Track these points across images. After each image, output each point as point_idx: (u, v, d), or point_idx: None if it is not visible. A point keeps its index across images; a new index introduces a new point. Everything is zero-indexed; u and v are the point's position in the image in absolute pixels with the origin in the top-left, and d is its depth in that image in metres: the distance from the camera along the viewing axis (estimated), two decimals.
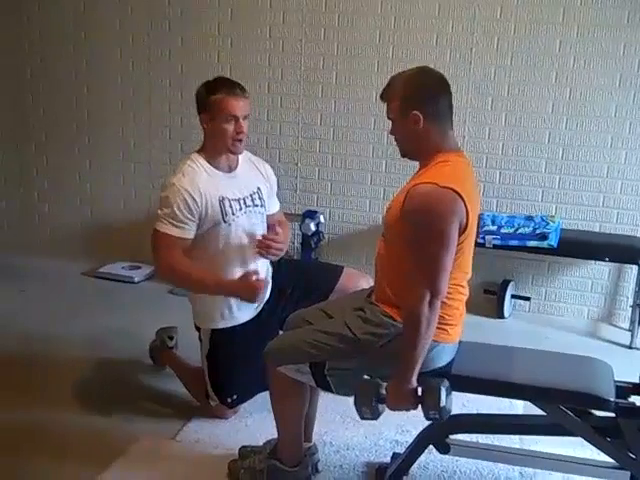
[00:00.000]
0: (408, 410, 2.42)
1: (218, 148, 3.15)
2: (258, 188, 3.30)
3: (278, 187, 3.53)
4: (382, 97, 2.54)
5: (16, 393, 3.47)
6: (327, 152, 4.97)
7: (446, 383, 2.35)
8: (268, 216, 3.37)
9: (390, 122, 2.53)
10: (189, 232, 3.08)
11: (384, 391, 2.39)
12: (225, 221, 3.13)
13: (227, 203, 3.14)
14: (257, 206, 3.27)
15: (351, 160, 4.92)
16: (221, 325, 3.22)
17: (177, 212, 3.03)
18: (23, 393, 3.48)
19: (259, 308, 3.30)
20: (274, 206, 3.47)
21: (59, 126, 5.49)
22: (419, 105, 2.42)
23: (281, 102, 4.99)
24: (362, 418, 2.44)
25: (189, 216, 3.05)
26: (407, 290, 2.36)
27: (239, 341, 3.22)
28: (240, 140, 3.11)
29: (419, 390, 2.37)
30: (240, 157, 3.27)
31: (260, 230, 3.28)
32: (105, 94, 5.34)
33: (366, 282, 3.21)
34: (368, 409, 2.40)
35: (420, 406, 2.36)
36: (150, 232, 3.10)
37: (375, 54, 4.74)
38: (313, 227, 4.84)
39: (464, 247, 2.42)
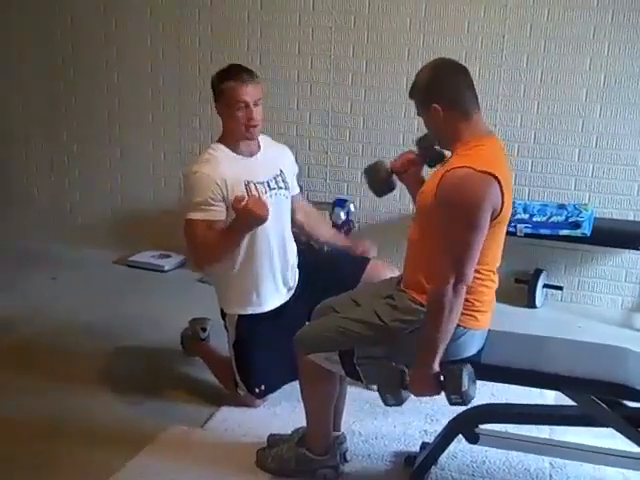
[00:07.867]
0: (431, 396, 2.42)
1: (235, 135, 3.15)
2: (281, 170, 3.29)
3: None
4: (410, 96, 2.56)
5: (46, 380, 3.50)
6: (357, 141, 4.94)
7: (469, 368, 2.34)
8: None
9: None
10: (220, 214, 3.05)
11: (408, 378, 2.39)
12: None
13: (252, 187, 3.14)
14: (282, 188, 3.26)
15: (381, 148, 4.88)
16: (250, 311, 3.21)
17: (204, 197, 3.02)
18: (53, 380, 3.50)
19: (288, 295, 3.29)
20: (295, 188, 3.45)
21: (90, 114, 5.52)
22: (435, 97, 2.43)
23: (311, 90, 4.97)
24: (386, 404, 2.46)
25: (215, 198, 3.03)
26: (434, 273, 2.35)
27: (264, 330, 3.21)
28: (254, 126, 3.10)
29: (442, 376, 2.36)
30: (261, 141, 3.26)
31: (287, 213, 3.30)
32: (135, 82, 5.36)
33: (391, 273, 3.18)
34: (392, 395, 2.42)
35: (443, 392, 2.36)
36: (180, 221, 3.09)
37: (406, 42, 4.69)
38: (343, 216, 4.82)
39: (497, 232, 2.41)
